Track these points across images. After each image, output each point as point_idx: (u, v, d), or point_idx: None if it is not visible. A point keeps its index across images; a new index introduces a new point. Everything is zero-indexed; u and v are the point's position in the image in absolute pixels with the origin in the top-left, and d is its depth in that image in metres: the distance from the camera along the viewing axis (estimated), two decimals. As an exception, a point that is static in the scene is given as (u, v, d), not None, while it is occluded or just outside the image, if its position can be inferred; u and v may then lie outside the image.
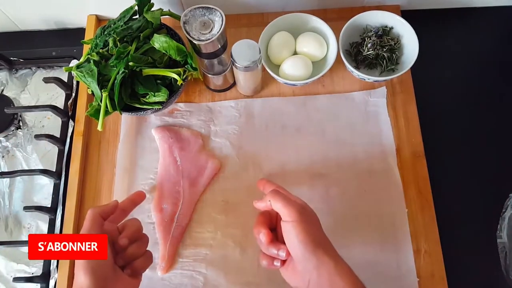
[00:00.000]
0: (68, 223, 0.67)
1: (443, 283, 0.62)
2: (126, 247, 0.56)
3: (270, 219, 0.57)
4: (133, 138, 0.72)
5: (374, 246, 0.64)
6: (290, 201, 0.52)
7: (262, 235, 0.54)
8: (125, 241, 0.55)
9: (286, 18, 0.71)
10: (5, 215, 0.72)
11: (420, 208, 0.66)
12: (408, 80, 0.73)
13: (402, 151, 0.69)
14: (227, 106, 0.74)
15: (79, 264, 0.51)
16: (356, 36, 0.73)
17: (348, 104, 0.72)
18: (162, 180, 0.69)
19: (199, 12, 0.60)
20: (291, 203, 0.52)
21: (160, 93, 0.65)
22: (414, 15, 0.75)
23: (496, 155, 0.70)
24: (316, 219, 0.54)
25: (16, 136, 0.77)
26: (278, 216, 0.56)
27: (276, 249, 0.53)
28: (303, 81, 0.69)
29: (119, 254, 0.55)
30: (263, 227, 0.54)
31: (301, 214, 0.51)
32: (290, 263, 0.53)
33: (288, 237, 0.51)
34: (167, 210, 0.67)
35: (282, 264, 0.54)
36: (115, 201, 0.60)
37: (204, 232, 0.67)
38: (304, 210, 0.52)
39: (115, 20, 0.68)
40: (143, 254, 0.58)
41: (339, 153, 0.70)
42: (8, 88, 0.80)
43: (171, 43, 0.63)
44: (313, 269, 0.49)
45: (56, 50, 0.80)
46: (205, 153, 0.70)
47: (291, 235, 0.50)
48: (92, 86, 0.63)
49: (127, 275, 0.54)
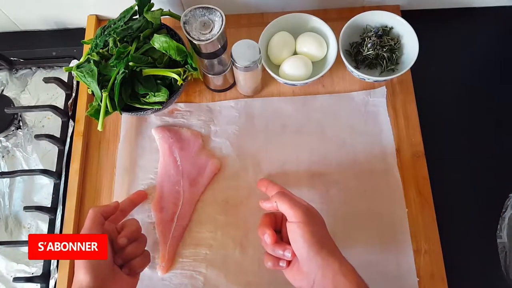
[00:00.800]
0: (68, 223, 0.67)
1: (443, 283, 0.62)
2: (125, 247, 0.57)
3: (275, 220, 0.58)
4: (133, 138, 0.72)
5: (374, 246, 0.64)
6: (296, 203, 0.53)
7: (266, 235, 0.54)
8: (124, 240, 0.56)
9: (286, 18, 0.71)
10: (5, 215, 0.72)
11: (420, 208, 0.66)
12: (408, 80, 0.73)
13: (402, 151, 0.69)
14: (227, 106, 0.74)
15: (79, 262, 0.52)
16: (356, 36, 0.73)
17: (348, 104, 0.72)
18: (162, 180, 0.69)
19: (199, 12, 0.60)
20: (297, 204, 0.53)
21: (160, 93, 0.65)
22: (414, 15, 0.75)
23: (496, 155, 0.70)
24: (321, 221, 0.54)
25: (16, 136, 0.77)
26: (283, 218, 0.57)
27: (281, 249, 0.53)
28: (303, 81, 0.69)
29: (118, 253, 0.56)
30: (267, 228, 0.55)
31: (306, 215, 0.51)
32: (295, 264, 0.53)
33: (294, 238, 0.51)
34: (167, 210, 0.67)
35: (287, 265, 0.54)
36: (116, 202, 0.62)
37: (204, 232, 0.67)
38: (310, 211, 0.53)
39: (115, 20, 0.68)
40: (141, 253, 0.59)
41: (339, 153, 0.70)
42: (8, 88, 0.80)
43: (171, 43, 0.63)
44: (318, 269, 0.49)
45: (56, 50, 0.80)
46: (205, 153, 0.70)
47: (296, 235, 0.51)
48: (92, 86, 0.63)
49: (125, 274, 0.55)
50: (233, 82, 0.74)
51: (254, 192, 0.67)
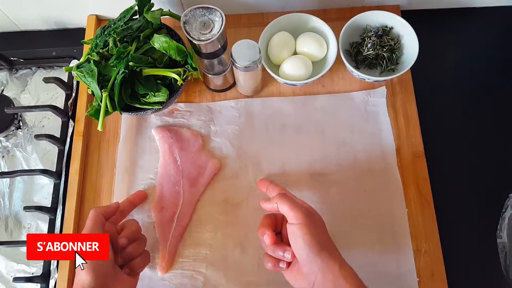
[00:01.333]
0: (68, 223, 0.67)
1: (443, 283, 0.62)
2: (126, 247, 0.57)
3: (275, 221, 0.58)
4: (133, 138, 0.72)
5: (374, 246, 0.64)
6: (297, 204, 0.53)
7: (266, 236, 0.55)
8: (124, 240, 0.57)
9: (286, 18, 0.71)
10: (5, 215, 0.72)
11: (420, 208, 0.66)
12: (408, 80, 0.73)
13: (402, 151, 0.69)
14: (227, 106, 0.74)
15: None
16: (356, 36, 0.73)
17: (348, 104, 0.72)
18: (162, 180, 0.69)
19: (199, 12, 0.60)
20: (298, 206, 0.53)
21: (160, 93, 0.65)
22: (414, 15, 0.75)
23: (496, 155, 0.70)
24: (321, 223, 0.55)
25: (16, 136, 0.77)
26: (284, 219, 0.57)
27: (281, 251, 0.54)
28: (303, 81, 0.69)
29: (118, 253, 0.56)
30: (267, 229, 0.55)
31: (307, 217, 0.52)
32: (295, 266, 0.53)
33: (294, 239, 0.51)
34: (167, 210, 0.67)
35: (287, 266, 0.54)
36: (117, 203, 0.62)
37: (204, 232, 0.67)
38: (310, 213, 0.53)
39: (115, 20, 0.68)
40: (141, 253, 0.59)
41: (339, 153, 0.70)
42: (8, 88, 0.80)
43: (171, 43, 0.63)
44: (318, 271, 0.49)
45: (56, 50, 0.80)
46: (205, 153, 0.70)
47: (297, 237, 0.51)
48: (92, 86, 0.63)
49: (126, 274, 0.56)
50: (233, 82, 0.74)
51: (254, 192, 0.67)
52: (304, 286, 0.51)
